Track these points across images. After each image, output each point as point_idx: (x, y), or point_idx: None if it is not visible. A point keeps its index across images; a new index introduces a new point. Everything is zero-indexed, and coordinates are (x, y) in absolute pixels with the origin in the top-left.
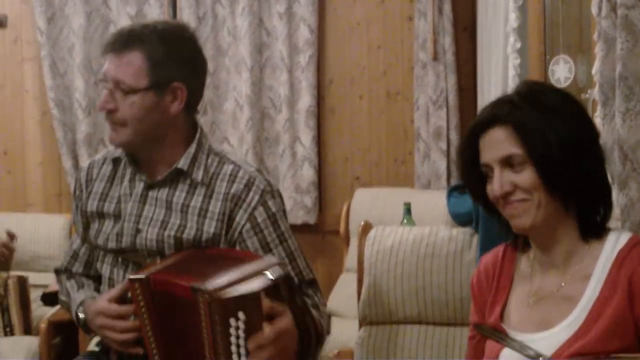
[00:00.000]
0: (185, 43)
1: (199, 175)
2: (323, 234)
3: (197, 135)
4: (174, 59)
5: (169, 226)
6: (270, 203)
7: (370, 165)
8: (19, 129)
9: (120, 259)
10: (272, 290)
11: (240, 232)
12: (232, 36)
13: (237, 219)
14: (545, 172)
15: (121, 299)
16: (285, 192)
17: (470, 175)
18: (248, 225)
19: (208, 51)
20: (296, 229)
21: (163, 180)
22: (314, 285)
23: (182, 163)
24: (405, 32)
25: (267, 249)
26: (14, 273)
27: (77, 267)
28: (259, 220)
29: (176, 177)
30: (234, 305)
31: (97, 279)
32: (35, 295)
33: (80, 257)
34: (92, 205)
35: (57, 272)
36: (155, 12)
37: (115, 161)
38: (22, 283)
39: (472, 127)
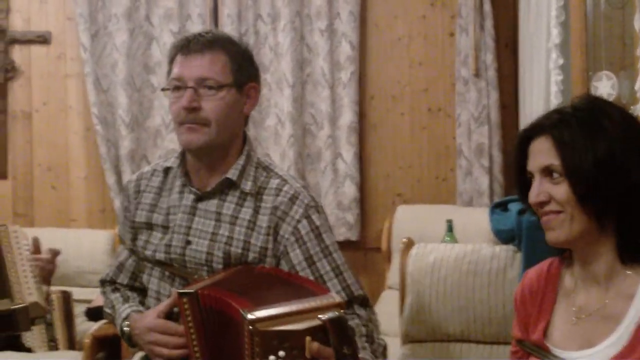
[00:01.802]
0: (250, 51)
1: (247, 185)
2: (365, 251)
3: (246, 148)
4: (249, 60)
5: (217, 238)
6: (314, 217)
7: (412, 181)
8: (63, 144)
9: (167, 273)
10: (320, 332)
11: (285, 246)
12: (273, 52)
13: (282, 232)
14: (577, 189)
15: (169, 314)
16: (326, 209)
17: (519, 180)
18: (292, 239)
19: None
20: (338, 245)
21: (212, 191)
22: (364, 303)
23: (232, 174)
24: (447, 48)
25: (310, 261)
26: (58, 288)
27: (123, 279)
28: (303, 233)
29: (225, 188)
30: (277, 341)
31: (141, 292)
32: (79, 310)
33: (126, 269)
34: (140, 216)
35: (102, 283)
36: (197, 29)
37: (167, 171)
38: (66, 298)
39: (522, 132)
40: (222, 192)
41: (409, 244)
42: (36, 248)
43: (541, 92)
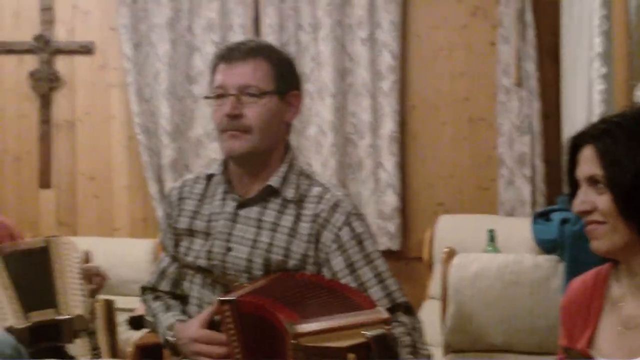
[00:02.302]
0: (292, 60)
1: (290, 193)
2: (406, 261)
3: (289, 155)
4: (291, 68)
5: (258, 245)
6: (355, 224)
7: (454, 191)
8: (106, 154)
9: (208, 280)
10: (364, 349)
11: (327, 253)
12: (315, 62)
13: (323, 239)
14: (619, 200)
15: (211, 323)
16: (368, 218)
17: (571, 186)
18: (334, 246)
19: None
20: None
21: (254, 198)
22: (408, 310)
23: (274, 181)
24: (488, 57)
25: (352, 269)
26: (101, 297)
27: (164, 286)
28: (344, 239)
29: (267, 195)
30: (318, 357)
31: (183, 299)
32: (121, 318)
33: (168, 276)
34: (183, 222)
35: (144, 290)
36: (239, 39)
37: (209, 178)
38: (109, 307)
39: (571, 140)
40: (263, 200)
41: (451, 254)
42: (87, 261)
43: (583, 101)
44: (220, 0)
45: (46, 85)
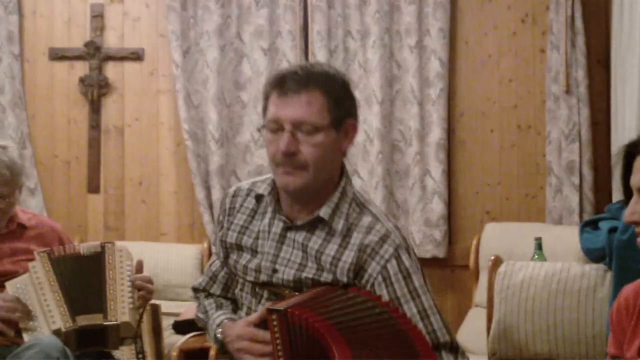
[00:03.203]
0: (347, 83)
1: (339, 225)
2: (452, 268)
3: (342, 182)
4: (346, 96)
5: (305, 269)
6: (403, 257)
7: (501, 199)
8: (154, 159)
9: (258, 289)
10: None
11: (372, 285)
12: (362, 69)
13: (369, 270)
14: None
15: (259, 325)
16: (414, 226)
17: (626, 194)
18: (380, 278)
19: None
20: (425, 262)
21: (302, 225)
22: (454, 350)
23: (324, 212)
24: (538, 64)
25: (397, 303)
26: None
27: (215, 289)
28: (391, 273)
29: (316, 223)
30: None
31: (233, 302)
32: (167, 323)
33: (219, 280)
34: (232, 237)
35: (195, 290)
36: (287, 46)
37: (258, 198)
38: (155, 311)
39: (626, 147)
40: (311, 227)
41: (497, 262)
42: (139, 271)
43: (634, 109)
44: (269, 7)
45: (96, 91)
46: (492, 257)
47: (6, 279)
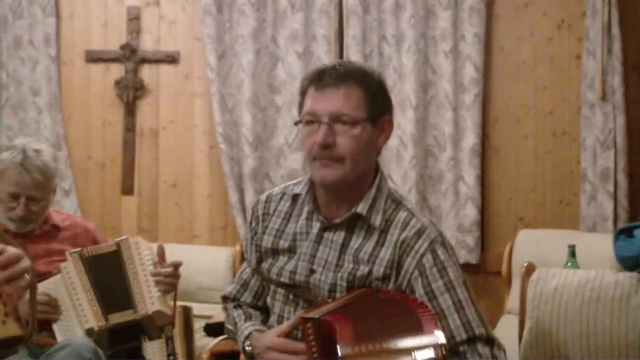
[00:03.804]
0: (383, 81)
1: (377, 220)
2: (484, 274)
3: (377, 179)
4: (383, 93)
5: (341, 270)
6: (439, 251)
7: (535, 205)
8: (188, 162)
9: (291, 296)
10: None
11: (409, 280)
12: (397, 74)
13: (406, 266)
14: None
15: (289, 336)
16: (447, 231)
17: None
18: (416, 272)
19: None
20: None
21: (340, 223)
22: (489, 342)
23: (361, 208)
24: (573, 71)
25: (432, 295)
26: (179, 303)
27: (246, 297)
28: (426, 266)
29: (354, 221)
30: None
31: (264, 310)
32: (198, 325)
33: (250, 288)
34: (267, 241)
35: (225, 299)
36: (322, 50)
37: (295, 198)
38: (187, 313)
39: None
40: (349, 225)
41: (530, 269)
42: (161, 257)
43: None
44: (304, 11)
45: (131, 93)
46: (525, 264)
47: (40, 279)
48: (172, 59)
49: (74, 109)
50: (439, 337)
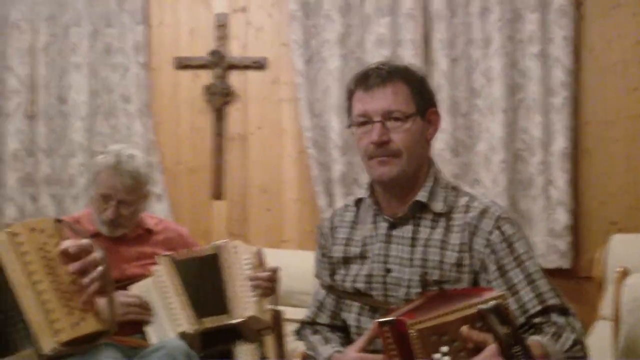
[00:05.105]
0: (425, 76)
1: (438, 206)
2: (577, 280)
3: (432, 170)
4: (427, 87)
5: (414, 263)
6: (505, 227)
7: (628, 209)
8: (277, 167)
9: (366, 307)
10: (477, 320)
11: (481, 259)
12: (485, 77)
13: (476, 246)
14: None
15: (369, 348)
16: (538, 236)
17: None
18: (486, 251)
19: (461, 93)
20: (549, 273)
21: (405, 216)
22: (564, 311)
23: (421, 196)
24: None
25: (503, 271)
26: (270, 307)
27: (324, 318)
28: (495, 243)
29: (417, 211)
30: (435, 336)
31: (342, 331)
32: (289, 329)
33: (326, 308)
34: (337, 251)
35: (303, 324)
36: (409, 54)
37: (358, 203)
38: (277, 317)
39: None
40: (414, 217)
41: (624, 274)
42: (259, 261)
43: None
44: (390, 15)
45: (220, 99)
46: (619, 269)
47: (133, 282)
48: (259, 64)
49: (163, 115)
50: (498, 291)
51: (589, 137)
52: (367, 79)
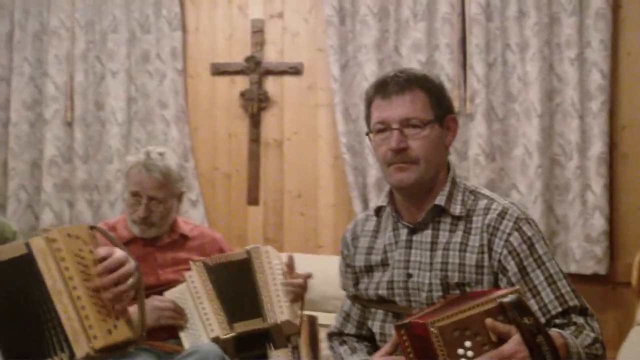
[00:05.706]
0: (443, 83)
1: (457, 209)
2: (613, 285)
3: (450, 174)
4: (444, 94)
5: (434, 267)
6: (525, 228)
7: None
8: (313, 172)
9: (390, 313)
10: (499, 313)
11: (500, 261)
12: (522, 82)
13: (495, 248)
14: None
15: (394, 354)
16: (574, 241)
17: None
18: (505, 252)
19: (498, 97)
20: (585, 279)
21: (424, 221)
22: (583, 312)
23: (439, 200)
24: None
25: (524, 272)
26: (304, 312)
27: (350, 329)
28: (515, 244)
29: (436, 215)
30: (458, 332)
31: (370, 340)
32: (323, 334)
33: (352, 318)
34: (359, 260)
35: (330, 336)
36: (445, 59)
37: (378, 211)
38: (312, 322)
39: None
40: (433, 221)
41: None
42: (290, 267)
43: None
44: (426, 20)
45: (256, 105)
46: None
47: (167, 287)
48: (295, 70)
49: (200, 121)
50: (516, 287)
51: (626, 141)
52: (386, 87)
